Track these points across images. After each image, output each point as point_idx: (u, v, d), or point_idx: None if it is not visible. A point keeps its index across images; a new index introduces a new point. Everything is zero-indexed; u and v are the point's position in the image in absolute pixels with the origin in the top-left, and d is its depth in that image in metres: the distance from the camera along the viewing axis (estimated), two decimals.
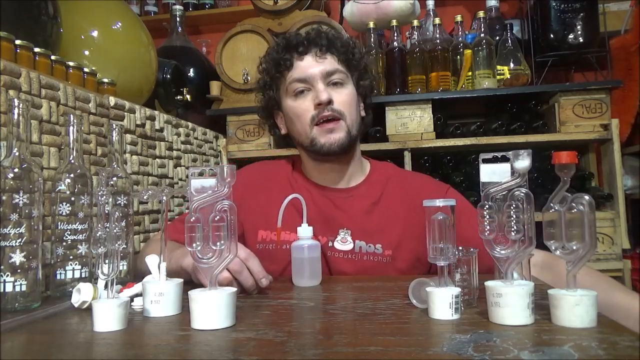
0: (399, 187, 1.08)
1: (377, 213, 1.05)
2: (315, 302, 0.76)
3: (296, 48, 1.05)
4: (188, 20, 2.18)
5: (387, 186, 1.08)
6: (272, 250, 1.03)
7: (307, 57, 1.05)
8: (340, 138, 1.02)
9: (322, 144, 1.02)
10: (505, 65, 1.72)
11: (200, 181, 0.64)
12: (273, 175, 1.13)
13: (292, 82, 1.05)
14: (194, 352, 0.53)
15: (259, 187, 1.11)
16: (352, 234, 1.02)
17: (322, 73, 1.03)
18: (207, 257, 0.62)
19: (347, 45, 1.07)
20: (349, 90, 1.06)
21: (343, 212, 1.05)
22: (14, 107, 0.76)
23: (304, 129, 1.04)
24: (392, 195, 1.07)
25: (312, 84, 1.03)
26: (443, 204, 0.62)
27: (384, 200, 1.06)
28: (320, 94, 1.01)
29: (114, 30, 1.35)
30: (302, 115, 1.04)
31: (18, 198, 0.73)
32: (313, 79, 1.03)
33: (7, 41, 0.92)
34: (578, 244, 0.55)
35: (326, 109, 1.01)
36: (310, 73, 1.03)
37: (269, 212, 1.03)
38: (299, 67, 1.04)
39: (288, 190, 1.06)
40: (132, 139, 1.23)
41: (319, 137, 1.02)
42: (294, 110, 1.05)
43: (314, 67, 1.03)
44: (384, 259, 1.00)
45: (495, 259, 0.59)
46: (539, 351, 0.46)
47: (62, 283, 0.83)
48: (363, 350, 0.50)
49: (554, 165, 0.57)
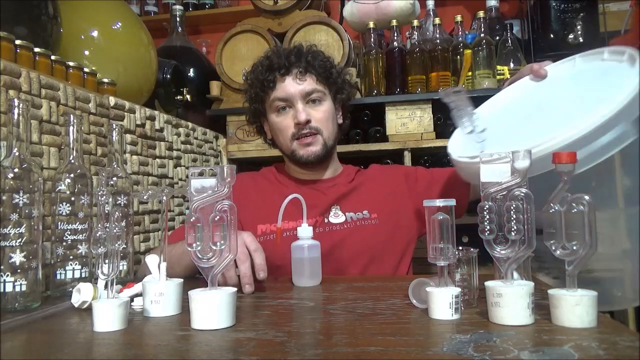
0: (371, 170, 1.29)
1: (357, 190, 1.21)
2: (315, 302, 0.76)
3: (278, 69, 1.15)
4: (188, 20, 2.18)
5: (361, 172, 1.28)
6: (273, 240, 1.13)
7: (288, 78, 1.16)
8: (317, 150, 1.16)
9: (301, 156, 1.16)
10: (505, 65, 1.72)
11: (200, 181, 0.64)
12: (261, 179, 1.26)
13: (274, 100, 1.17)
14: (194, 352, 0.53)
15: (251, 190, 1.21)
16: (342, 208, 1.17)
17: (301, 93, 1.15)
18: (207, 257, 0.62)
19: (324, 65, 1.19)
20: (325, 106, 1.18)
21: (329, 195, 1.19)
22: (14, 107, 0.76)
23: (285, 142, 1.18)
24: (368, 176, 1.26)
25: (292, 102, 1.15)
26: (443, 204, 0.62)
27: (362, 180, 1.24)
28: (299, 115, 1.13)
29: (114, 30, 1.35)
30: (284, 130, 1.17)
31: (18, 198, 0.73)
32: (293, 98, 1.15)
33: (7, 41, 0.92)
34: (578, 244, 0.55)
35: (305, 127, 1.14)
36: (290, 93, 1.15)
37: (265, 208, 1.15)
38: (280, 88, 1.16)
39: (278, 187, 1.22)
40: (132, 139, 1.23)
41: (298, 150, 1.16)
42: (277, 125, 1.18)
43: (294, 87, 1.15)
44: (372, 221, 1.15)
45: (495, 259, 0.60)
46: (539, 351, 0.46)
47: (62, 283, 0.83)
48: (363, 350, 0.50)
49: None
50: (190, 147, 1.56)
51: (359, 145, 1.72)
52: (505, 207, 0.58)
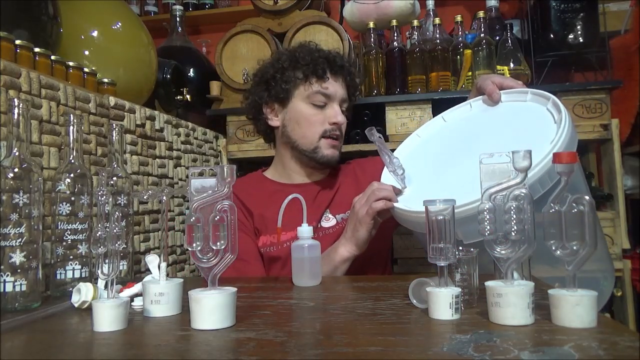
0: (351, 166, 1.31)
1: (341, 190, 1.22)
2: (315, 302, 0.76)
3: (331, 65, 1.17)
4: (188, 20, 2.18)
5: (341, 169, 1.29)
6: (274, 252, 1.14)
7: (338, 78, 1.19)
8: (337, 154, 1.20)
9: (324, 155, 1.17)
10: (505, 65, 1.72)
11: (200, 181, 0.64)
12: (250, 188, 1.23)
13: (317, 93, 1.16)
14: (194, 352, 0.53)
15: (247, 200, 1.20)
16: (331, 211, 1.19)
17: (341, 97, 1.19)
18: (207, 257, 0.62)
19: (355, 86, 1.24)
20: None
21: (320, 201, 1.19)
22: (14, 107, 0.76)
23: (311, 136, 1.17)
24: (348, 172, 1.27)
25: (332, 102, 1.17)
26: (443, 204, 0.62)
27: (342, 179, 1.25)
28: (338, 115, 1.16)
29: (114, 30, 1.35)
30: (314, 125, 1.16)
31: (18, 198, 0.73)
32: (335, 99, 1.18)
33: (7, 41, 0.92)
34: (578, 244, 0.55)
35: (337, 129, 1.18)
36: (336, 93, 1.18)
37: (265, 218, 1.16)
38: (331, 84, 1.17)
39: (271, 194, 1.19)
40: (132, 139, 1.23)
41: (324, 148, 1.17)
42: (308, 118, 1.17)
43: (340, 90, 1.19)
44: None
45: (495, 259, 0.60)
46: (539, 351, 0.46)
47: (62, 283, 0.83)
48: (363, 350, 0.50)
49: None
50: (190, 147, 1.56)
51: (359, 145, 1.71)
52: (505, 207, 0.58)
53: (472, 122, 1.05)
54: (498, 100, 1.01)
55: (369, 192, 0.98)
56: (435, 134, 1.10)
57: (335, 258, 1.01)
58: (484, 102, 1.05)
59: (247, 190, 1.22)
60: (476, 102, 1.07)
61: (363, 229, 0.98)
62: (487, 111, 1.03)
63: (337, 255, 1.01)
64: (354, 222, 1.00)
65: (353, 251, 1.00)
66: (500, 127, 0.99)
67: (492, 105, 1.03)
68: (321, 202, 1.19)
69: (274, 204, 1.05)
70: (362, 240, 0.99)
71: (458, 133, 1.05)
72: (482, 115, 1.04)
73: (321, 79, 1.15)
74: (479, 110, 1.06)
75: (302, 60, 1.17)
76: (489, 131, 1.00)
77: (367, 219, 0.97)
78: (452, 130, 1.07)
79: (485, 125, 1.02)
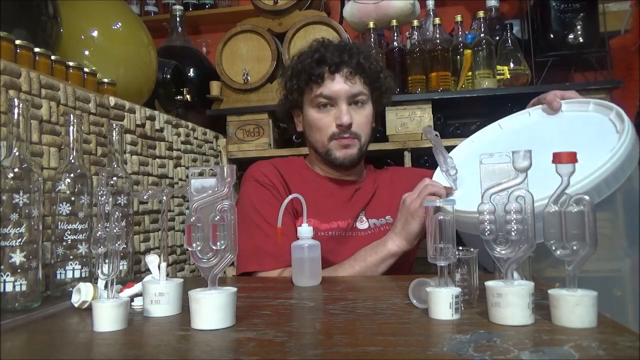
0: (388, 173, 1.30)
1: (377, 195, 1.21)
2: (315, 302, 0.76)
3: (329, 65, 1.11)
4: (188, 20, 2.18)
5: (377, 174, 1.28)
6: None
7: (337, 75, 1.12)
8: (353, 154, 1.14)
9: (337, 157, 1.14)
10: (505, 65, 1.72)
11: (200, 181, 0.64)
12: (293, 170, 1.20)
13: (318, 96, 1.12)
14: (194, 352, 0.53)
15: (290, 181, 1.16)
16: (366, 214, 1.17)
17: (347, 94, 1.12)
18: (207, 257, 0.62)
19: (375, 69, 1.15)
20: (367, 111, 1.15)
21: (359, 199, 1.18)
22: (14, 107, 0.76)
23: (322, 140, 1.15)
24: (385, 179, 1.25)
25: (336, 102, 1.12)
26: (443, 204, 0.62)
27: (379, 184, 1.23)
28: (343, 117, 1.10)
29: (114, 30, 1.35)
30: (323, 128, 1.13)
31: (18, 198, 0.73)
32: (339, 98, 1.12)
33: (7, 41, 0.92)
34: (578, 244, 0.55)
35: (346, 131, 1.12)
36: (337, 92, 1.11)
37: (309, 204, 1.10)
38: (328, 85, 1.12)
39: (310, 182, 1.18)
40: (132, 139, 1.23)
41: (335, 150, 1.14)
42: (315, 122, 1.14)
43: (341, 87, 1.11)
44: None
45: (495, 259, 0.60)
46: (539, 351, 0.46)
47: (62, 283, 0.83)
48: (363, 350, 0.50)
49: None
50: (190, 147, 1.56)
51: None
52: (505, 207, 0.58)
53: (530, 130, 1.02)
54: (558, 108, 0.99)
55: (421, 187, 0.97)
56: (491, 141, 1.07)
57: (383, 251, 1.00)
58: (544, 111, 1.02)
59: (291, 172, 1.19)
60: (535, 110, 1.04)
61: (415, 222, 0.97)
62: (546, 120, 1.01)
63: (385, 248, 1.00)
64: (405, 215, 0.98)
65: (403, 246, 0.99)
66: (560, 135, 0.96)
67: (552, 114, 1.00)
68: (357, 202, 1.17)
69: (314, 192, 1.08)
70: (414, 233, 0.98)
71: (514, 141, 1.02)
72: (541, 123, 1.01)
73: (317, 83, 1.12)
74: (538, 118, 1.03)
75: (300, 66, 1.15)
76: (548, 140, 0.96)
77: (420, 211, 0.95)
78: (508, 138, 1.04)
79: (543, 134, 0.99)
